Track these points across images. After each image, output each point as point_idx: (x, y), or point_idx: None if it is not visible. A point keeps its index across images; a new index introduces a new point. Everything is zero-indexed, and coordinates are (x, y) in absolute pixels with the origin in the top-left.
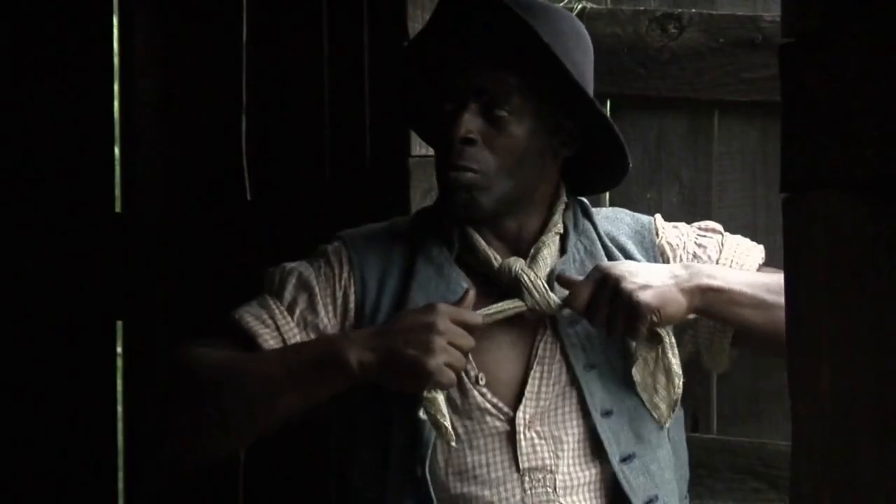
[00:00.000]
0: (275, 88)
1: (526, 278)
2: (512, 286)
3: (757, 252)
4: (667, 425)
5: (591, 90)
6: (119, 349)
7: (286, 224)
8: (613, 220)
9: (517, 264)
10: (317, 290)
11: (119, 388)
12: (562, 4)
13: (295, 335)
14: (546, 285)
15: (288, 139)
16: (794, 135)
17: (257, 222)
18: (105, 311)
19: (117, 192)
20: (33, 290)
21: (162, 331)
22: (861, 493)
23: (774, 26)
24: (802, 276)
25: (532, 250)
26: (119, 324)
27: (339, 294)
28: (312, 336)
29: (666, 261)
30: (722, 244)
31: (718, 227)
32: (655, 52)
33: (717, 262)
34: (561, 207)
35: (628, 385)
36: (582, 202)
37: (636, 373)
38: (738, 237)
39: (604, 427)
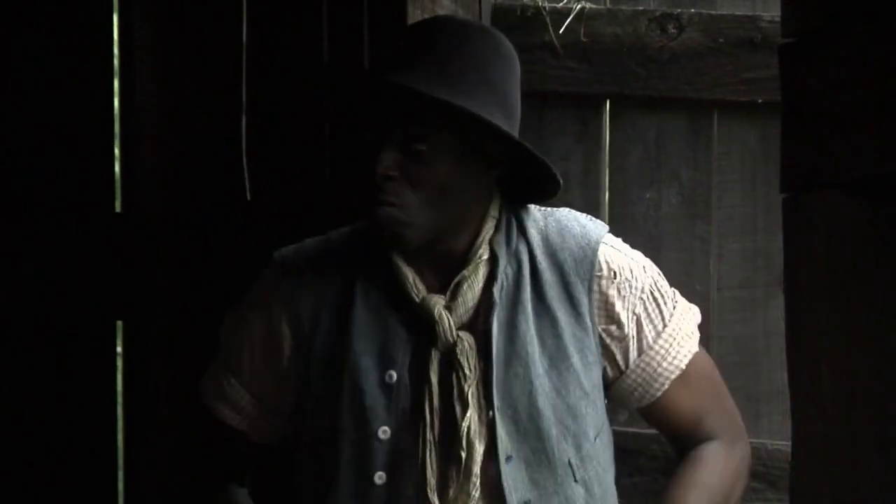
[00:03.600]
0: (275, 88)
1: (441, 326)
2: (431, 323)
3: (693, 328)
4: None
5: (517, 106)
6: (119, 349)
7: (286, 224)
8: (562, 229)
9: (438, 305)
10: (256, 347)
11: (119, 388)
12: (561, 5)
13: (249, 403)
14: (455, 331)
15: (288, 139)
16: (794, 135)
17: (257, 222)
18: (105, 311)
19: (117, 192)
20: (33, 289)
21: (162, 331)
22: (861, 493)
23: (774, 26)
24: (802, 275)
25: (453, 285)
26: (119, 324)
27: (277, 339)
28: (271, 381)
29: (602, 305)
30: (672, 312)
31: (668, 290)
32: (655, 52)
33: (661, 333)
34: (488, 230)
35: (528, 429)
36: (519, 213)
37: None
38: (679, 299)
39: (505, 473)
